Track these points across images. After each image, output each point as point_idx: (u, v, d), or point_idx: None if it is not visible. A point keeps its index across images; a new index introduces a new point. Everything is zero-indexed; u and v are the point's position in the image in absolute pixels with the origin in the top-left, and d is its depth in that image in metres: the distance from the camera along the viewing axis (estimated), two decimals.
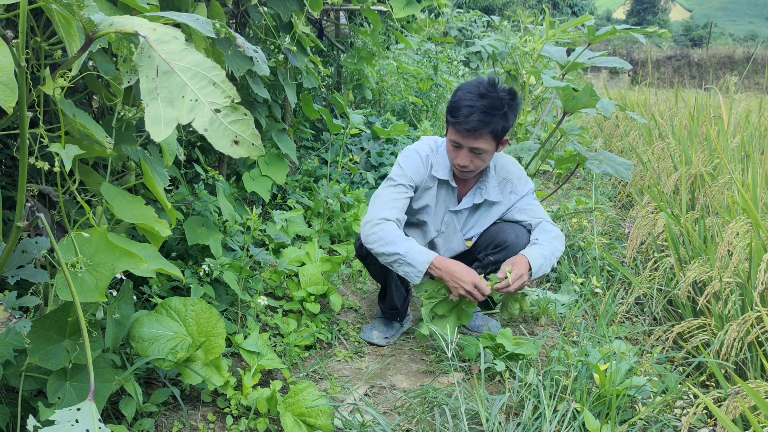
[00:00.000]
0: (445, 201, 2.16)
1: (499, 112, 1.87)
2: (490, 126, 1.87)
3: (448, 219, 2.18)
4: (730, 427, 1.29)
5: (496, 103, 1.87)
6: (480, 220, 2.19)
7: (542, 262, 2.00)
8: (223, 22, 1.71)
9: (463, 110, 1.88)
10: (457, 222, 2.19)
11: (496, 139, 1.93)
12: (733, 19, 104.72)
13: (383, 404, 1.86)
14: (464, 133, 1.90)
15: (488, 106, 1.86)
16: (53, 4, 0.98)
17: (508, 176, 2.15)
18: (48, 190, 1.38)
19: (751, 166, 2.46)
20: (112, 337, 1.46)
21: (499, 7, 20.83)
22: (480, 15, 9.73)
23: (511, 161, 2.21)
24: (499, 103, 1.87)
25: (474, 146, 1.92)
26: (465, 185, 2.16)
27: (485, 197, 2.11)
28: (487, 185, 2.12)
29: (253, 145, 0.88)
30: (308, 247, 2.63)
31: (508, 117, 1.89)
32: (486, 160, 1.97)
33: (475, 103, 1.86)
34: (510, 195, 2.15)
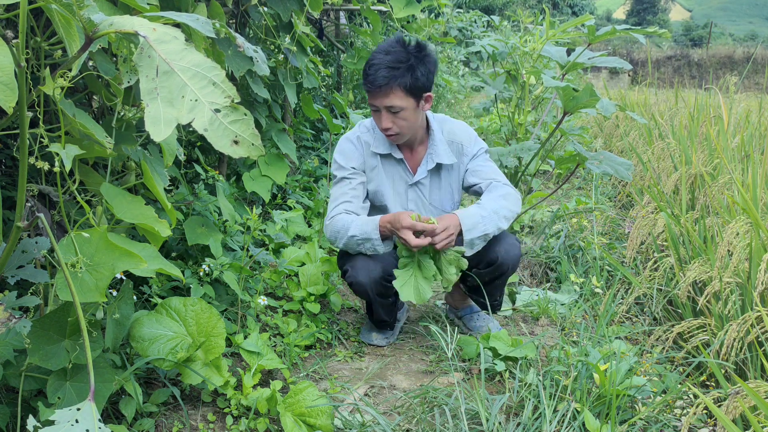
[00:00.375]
0: (401, 178, 2.14)
1: (403, 64, 1.87)
2: (397, 80, 1.87)
3: (413, 194, 2.16)
4: (730, 427, 1.29)
5: (400, 57, 1.88)
6: (444, 188, 2.17)
7: (477, 221, 1.97)
8: (223, 22, 1.71)
9: (370, 69, 1.90)
10: (422, 195, 2.17)
11: (412, 95, 1.92)
12: (733, 19, 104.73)
13: (383, 404, 1.86)
14: (375, 92, 1.91)
15: (393, 60, 1.88)
16: (53, 4, 0.98)
17: (456, 138, 2.14)
18: (48, 190, 1.38)
19: (751, 166, 2.46)
20: (112, 337, 1.46)
21: (499, 7, 20.81)
22: (480, 15, 9.74)
23: (459, 125, 2.20)
24: (404, 56, 1.89)
25: (388, 104, 1.92)
26: (415, 157, 2.15)
27: (437, 161, 2.10)
28: (436, 149, 2.10)
29: (253, 145, 0.88)
30: (308, 247, 2.63)
31: (415, 69, 1.89)
32: (409, 118, 1.96)
33: (381, 60, 1.89)
34: (462, 157, 2.14)
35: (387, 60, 1.88)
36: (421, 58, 1.91)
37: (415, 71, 1.89)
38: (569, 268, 2.84)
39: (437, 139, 2.10)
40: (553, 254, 3.06)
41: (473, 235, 1.98)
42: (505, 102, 3.02)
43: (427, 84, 1.94)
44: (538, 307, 2.51)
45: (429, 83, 1.95)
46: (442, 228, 1.91)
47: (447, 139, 2.12)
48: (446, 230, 1.92)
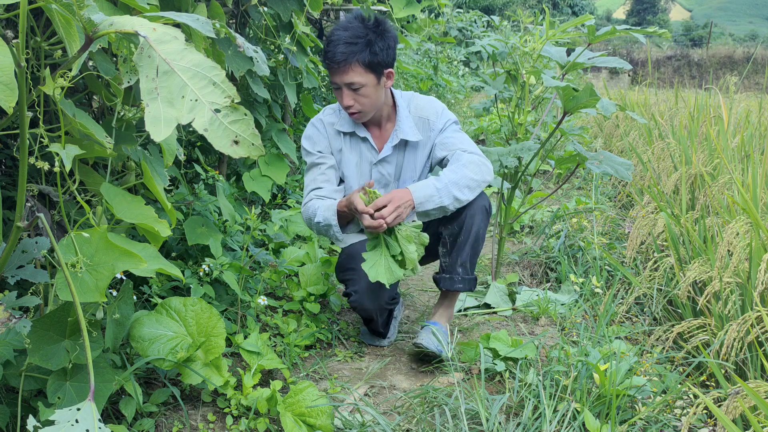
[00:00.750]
0: (366, 156, 2.11)
1: (361, 39, 1.85)
2: (355, 55, 1.85)
3: (376, 174, 2.11)
4: (730, 427, 1.29)
5: (358, 32, 1.86)
6: (409, 165, 2.12)
7: (430, 193, 1.91)
8: (223, 22, 1.71)
9: (329, 46, 1.88)
10: (387, 173, 2.12)
11: (372, 70, 1.89)
12: (733, 19, 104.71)
13: (383, 404, 1.86)
14: (334, 69, 1.89)
15: (351, 36, 1.86)
16: (53, 4, 0.98)
17: (423, 114, 2.10)
18: (48, 190, 1.38)
19: (751, 166, 2.46)
20: (112, 337, 1.46)
21: (499, 7, 20.81)
22: (480, 15, 9.74)
23: (427, 100, 2.14)
24: (362, 31, 1.87)
25: (348, 81, 1.89)
26: (383, 134, 2.11)
27: (401, 137, 2.05)
28: (401, 125, 2.06)
29: (253, 145, 0.88)
30: (308, 247, 2.63)
31: (373, 44, 1.86)
32: (370, 95, 1.93)
33: (339, 36, 1.87)
34: (429, 133, 2.09)
35: (345, 36, 1.85)
36: (380, 33, 1.89)
37: (374, 46, 1.86)
38: (569, 268, 2.84)
39: (402, 115, 2.07)
40: (553, 254, 3.06)
41: (426, 207, 1.93)
42: (505, 102, 3.02)
43: (387, 59, 1.91)
44: (538, 307, 2.51)
45: (389, 59, 1.93)
46: (385, 201, 1.84)
47: (414, 115, 2.09)
48: (392, 203, 1.85)
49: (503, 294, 2.66)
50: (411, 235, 1.89)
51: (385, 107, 2.06)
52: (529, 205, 3.53)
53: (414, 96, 2.15)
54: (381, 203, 1.83)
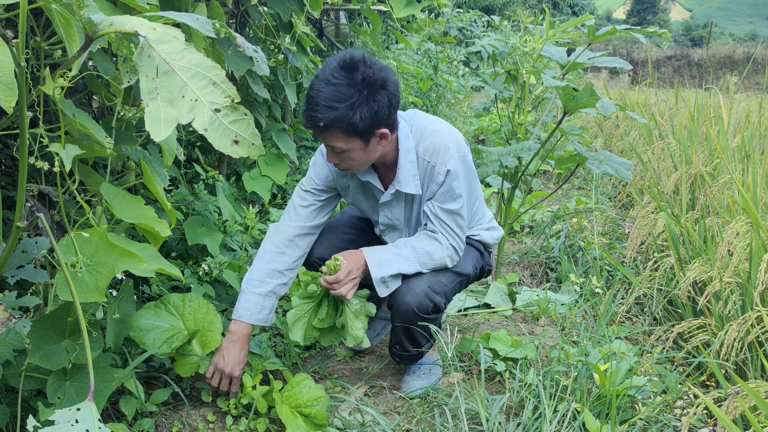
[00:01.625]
0: (373, 195, 1.87)
1: (342, 105, 1.52)
2: (335, 123, 1.53)
3: (383, 217, 1.88)
4: (730, 427, 1.29)
5: (341, 92, 1.52)
6: (413, 212, 1.87)
7: (387, 257, 1.73)
8: (223, 22, 1.71)
9: (308, 102, 1.56)
10: (395, 219, 1.88)
11: (356, 137, 1.57)
12: (733, 19, 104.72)
13: (383, 404, 1.86)
14: (314, 130, 1.59)
15: (332, 96, 1.52)
16: (53, 4, 0.98)
17: (432, 159, 1.75)
18: (48, 190, 1.38)
19: (752, 166, 2.46)
20: (113, 337, 1.46)
21: (499, 7, 20.82)
22: (480, 15, 9.74)
23: (436, 139, 1.75)
24: (346, 91, 1.52)
25: (328, 144, 1.62)
26: (390, 175, 1.83)
27: (397, 188, 1.77)
28: (401, 176, 1.76)
29: (253, 144, 0.88)
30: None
31: (356, 111, 1.53)
32: (358, 158, 1.64)
33: (320, 92, 1.53)
34: (432, 184, 1.77)
35: (326, 94, 1.53)
36: (367, 96, 1.54)
37: (356, 114, 1.53)
38: (569, 268, 2.84)
39: (404, 164, 1.75)
40: (553, 254, 3.06)
41: (384, 272, 1.71)
42: (505, 102, 3.02)
43: (376, 124, 1.58)
44: (538, 307, 2.51)
45: (379, 123, 1.59)
46: (345, 272, 1.65)
47: (422, 157, 1.76)
48: (349, 274, 1.66)
49: (503, 294, 2.66)
50: (360, 310, 1.72)
51: (390, 153, 1.76)
52: (529, 205, 3.53)
53: (427, 130, 1.78)
54: (343, 276, 1.65)
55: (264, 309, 1.76)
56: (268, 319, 1.78)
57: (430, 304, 1.74)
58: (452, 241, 1.79)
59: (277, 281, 1.80)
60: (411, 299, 1.73)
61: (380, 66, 1.59)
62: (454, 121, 6.69)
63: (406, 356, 1.90)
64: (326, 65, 1.58)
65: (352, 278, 1.67)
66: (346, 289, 1.65)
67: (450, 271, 1.82)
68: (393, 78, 1.61)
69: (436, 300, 1.76)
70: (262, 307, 1.76)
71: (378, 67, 1.58)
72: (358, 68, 1.55)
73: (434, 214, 1.78)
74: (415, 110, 1.85)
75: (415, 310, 1.73)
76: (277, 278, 1.80)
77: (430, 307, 1.75)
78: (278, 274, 1.80)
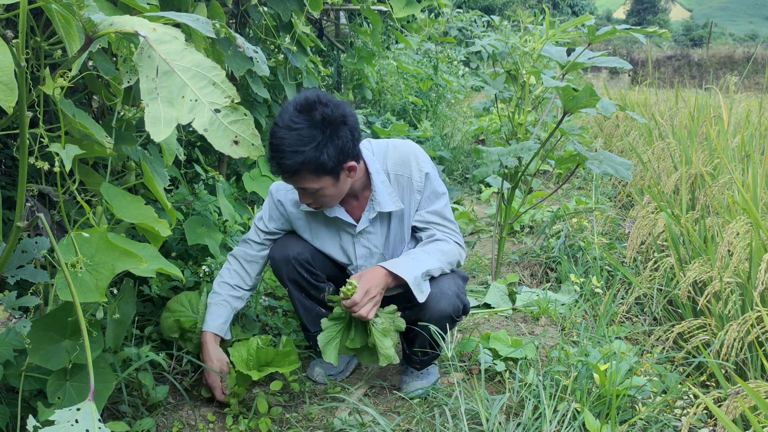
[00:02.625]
0: (345, 231, 1.84)
1: (306, 147, 1.53)
2: (303, 165, 1.55)
3: (361, 249, 1.85)
4: (730, 427, 1.29)
5: (303, 136, 1.53)
6: (397, 233, 1.84)
7: (409, 262, 1.70)
8: (223, 22, 1.71)
9: (272, 150, 1.57)
10: (374, 246, 1.84)
11: (327, 173, 1.59)
12: (733, 19, 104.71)
13: (383, 404, 1.86)
14: (282, 176, 1.61)
15: (295, 141, 1.53)
16: (53, 4, 0.98)
17: (404, 171, 1.78)
18: (48, 190, 1.38)
19: (752, 166, 2.46)
20: (113, 337, 1.46)
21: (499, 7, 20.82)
22: (480, 15, 9.74)
23: (403, 152, 1.79)
24: (307, 134, 1.54)
25: (300, 186, 1.64)
26: (361, 203, 1.81)
27: (378, 209, 1.76)
28: (377, 196, 1.75)
29: (253, 145, 0.88)
30: None
31: (322, 151, 1.54)
32: (330, 194, 1.65)
33: (283, 139, 1.54)
34: (412, 195, 1.79)
35: (289, 140, 1.53)
36: (330, 135, 1.55)
37: (322, 154, 1.54)
38: (569, 268, 2.84)
39: (378, 184, 1.75)
40: (553, 254, 3.06)
41: (415, 272, 1.67)
42: (505, 102, 3.02)
43: (343, 159, 1.60)
44: (538, 307, 2.51)
45: (346, 158, 1.61)
46: (362, 294, 1.62)
47: (393, 173, 1.78)
48: (367, 294, 1.62)
49: (503, 294, 2.66)
50: (388, 327, 1.68)
51: (358, 181, 1.76)
52: (529, 205, 3.53)
53: (389, 148, 1.81)
54: (359, 299, 1.62)
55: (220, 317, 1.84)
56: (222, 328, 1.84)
57: (461, 305, 1.77)
58: (452, 237, 1.82)
59: (228, 293, 1.88)
60: (445, 304, 1.72)
61: (336, 102, 1.61)
62: (455, 121, 6.69)
63: (426, 360, 1.90)
64: (283, 112, 1.58)
65: (371, 297, 1.63)
66: (366, 310, 1.62)
67: (457, 275, 1.84)
68: (351, 111, 1.63)
69: (465, 301, 1.80)
70: (218, 315, 1.84)
71: (335, 104, 1.60)
72: (315, 108, 1.56)
73: (424, 220, 1.81)
74: (367, 138, 1.88)
75: (452, 314, 1.74)
76: (229, 290, 1.88)
77: (461, 309, 1.78)
78: (229, 287, 1.88)
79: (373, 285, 1.64)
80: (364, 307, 1.62)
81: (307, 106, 1.57)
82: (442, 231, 1.81)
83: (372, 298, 1.63)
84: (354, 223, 1.80)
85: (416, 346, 1.84)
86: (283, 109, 1.60)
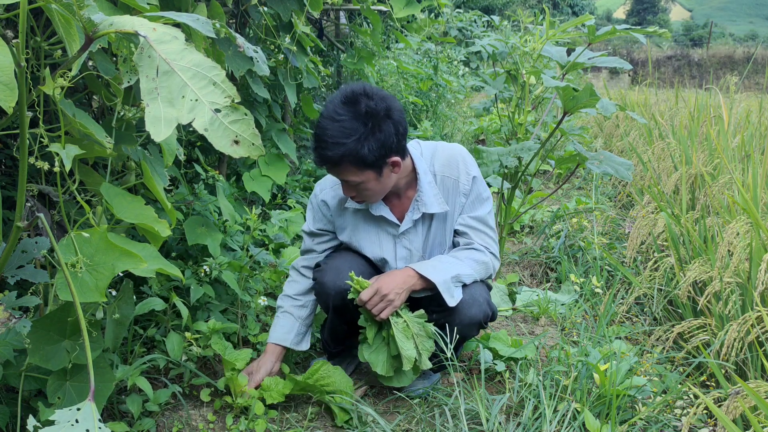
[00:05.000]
0: (386, 231, 1.82)
1: (349, 140, 1.53)
2: (345, 158, 1.55)
3: (402, 251, 1.82)
4: (730, 427, 1.29)
5: (347, 127, 1.54)
6: (438, 235, 1.82)
7: (438, 265, 1.70)
8: (223, 22, 1.71)
9: (316, 141, 1.59)
10: (414, 249, 1.82)
11: (368, 167, 1.58)
12: (733, 19, 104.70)
13: (383, 404, 1.86)
14: (326, 167, 1.62)
15: (338, 132, 1.54)
16: (53, 4, 0.98)
17: (451, 173, 1.77)
18: (48, 190, 1.38)
19: (752, 166, 2.46)
20: (112, 337, 1.46)
21: (499, 7, 20.82)
22: (480, 15, 9.73)
23: (449, 154, 1.79)
24: (351, 125, 1.54)
25: (342, 178, 1.64)
26: (404, 203, 1.80)
27: (423, 210, 1.75)
28: (423, 197, 1.74)
29: (253, 145, 0.88)
30: None
31: (364, 144, 1.54)
32: (372, 188, 1.64)
33: (325, 129, 1.56)
34: (457, 198, 1.78)
35: (331, 131, 1.54)
36: (372, 129, 1.55)
37: (363, 148, 1.54)
38: (569, 268, 2.84)
39: (424, 184, 1.74)
40: (553, 254, 3.06)
41: (442, 276, 1.66)
42: (505, 102, 3.02)
43: (386, 154, 1.58)
44: (538, 307, 2.51)
45: (389, 152, 1.59)
46: (371, 293, 1.63)
47: (440, 174, 1.77)
48: (377, 293, 1.63)
49: (503, 294, 2.66)
50: (411, 329, 1.66)
51: (403, 179, 1.75)
52: (529, 205, 3.53)
53: (437, 149, 1.81)
54: (366, 297, 1.64)
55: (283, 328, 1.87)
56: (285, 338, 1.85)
57: (490, 312, 1.79)
58: (489, 248, 1.80)
59: (289, 303, 1.91)
60: (476, 310, 1.73)
61: (382, 95, 1.59)
62: (454, 121, 6.69)
63: (436, 368, 1.90)
64: (329, 102, 1.59)
65: (382, 296, 1.64)
66: (378, 309, 1.64)
67: (484, 283, 1.85)
68: (397, 106, 1.61)
69: (494, 308, 1.82)
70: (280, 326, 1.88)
71: (380, 97, 1.58)
72: (359, 101, 1.56)
73: (466, 225, 1.79)
74: (416, 139, 1.88)
75: (482, 320, 1.76)
76: (290, 302, 1.92)
77: (489, 316, 1.80)
78: (290, 299, 1.92)
79: (388, 285, 1.65)
80: (376, 306, 1.64)
81: (353, 98, 1.56)
82: (481, 239, 1.79)
83: (385, 298, 1.63)
84: (398, 223, 1.79)
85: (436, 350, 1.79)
86: (330, 99, 1.60)
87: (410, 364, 1.66)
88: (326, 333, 1.96)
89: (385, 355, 1.74)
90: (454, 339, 1.67)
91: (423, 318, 1.72)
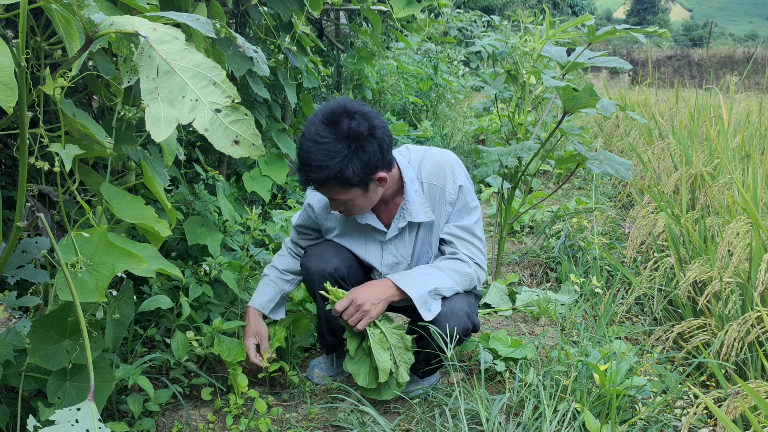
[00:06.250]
0: (373, 237, 1.82)
1: (332, 162, 1.51)
2: (329, 180, 1.54)
3: (388, 257, 1.81)
4: (730, 427, 1.29)
5: (329, 150, 1.52)
6: (425, 243, 1.81)
7: (416, 277, 1.68)
8: (223, 22, 1.71)
9: (300, 164, 1.57)
10: (401, 256, 1.81)
11: (354, 186, 1.57)
12: (733, 19, 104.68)
13: (383, 404, 1.86)
14: (309, 187, 1.63)
15: (321, 155, 1.52)
16: (53, 4, 0.98)
17: (438, 181, 1.75)
18: (48, 190, 1.38)
19: (752, 166, 2.46)
20: (112, 337, 1.46)
21: (499, 7, 20.83)
22: (480, 15, 9.74)
23: (437, 162, 1.76)
24: (334, 148, 1.51)
25: (329, 197, 1.64)
26: (391, 209, 1.79)
27: (409, 219, 1.74)
28: (409, 206, 1.73)
29: (254, 145, 0.88)
30: None
31: (349, 163, 1.52)
32: (360, 203, 1.64)
33: (309, 152, 1.53)
34: (443, 207, 1.76)
35: (314, 154, 1.52)
36: (356, 150, 1.52)
37: (347, 169, 1.52)
38: (569, 268, 2.84)
39: (411, 192, 1.73)
40: (553, 254, 3.06)
41: (419, 290, 1.65)
42: (505, 102, 3.02)
43: (368, 172, 1.56)
44: (538, 307, 2.51)
45: (371, 170, 1.57)
46: (346, 304, 1.64)
47: (426, 182, 1.75)
48: (353, 303, 1.64)
49: (503, 294, 2.66)
50: (388, 341, 1.66)
51: (391, 187, 1.74)
52: (529, 205, 3.53)
53: (425, 156, 1.78)
54: (341, 307, 1.66)
55: (266, 296, 1.90)
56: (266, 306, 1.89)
57: (470, 325, 1.74)
58: (474, 258, 1.77)
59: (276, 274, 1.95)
60: (454, 324, 1.69)
61: (364, 112, 1.57)
62: (454, 121, 6.69)
63: (429, 369, 1.88)
64: (310, 122, 1.56)
65: (357, 306, 1.64)
66: (354, 320, 1.64)
67: (472, 293, 1.82)
68: (379, 123, 1.59)
69: (476, 321, 1.77)
70: (263, 293, 1.90)
71: (362, 115, 1.56)
72: (341, 122, 1.53)
73: (451, 234, 1.76)
74: (406, 144, 1.86)
75: (460, 334, 1.71)
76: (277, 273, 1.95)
77: (470, 329, 1.75)
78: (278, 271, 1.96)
79: (364, 296, 1.65)
80: (353, 317, 1.64)
81: (333, 118, 1.54)
82: (466, 249, 1.76)
83: (360, 308, 1.64)
84: (385, 230, 1.78)
85: (421, 358, 1.80)
86: (311, 120, 1.57)
87: (386, 375, 1.64)
88: (322, 326, 1.93)
89: (367, 367, 1.72)
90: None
91: (402, 329, 1.71)
